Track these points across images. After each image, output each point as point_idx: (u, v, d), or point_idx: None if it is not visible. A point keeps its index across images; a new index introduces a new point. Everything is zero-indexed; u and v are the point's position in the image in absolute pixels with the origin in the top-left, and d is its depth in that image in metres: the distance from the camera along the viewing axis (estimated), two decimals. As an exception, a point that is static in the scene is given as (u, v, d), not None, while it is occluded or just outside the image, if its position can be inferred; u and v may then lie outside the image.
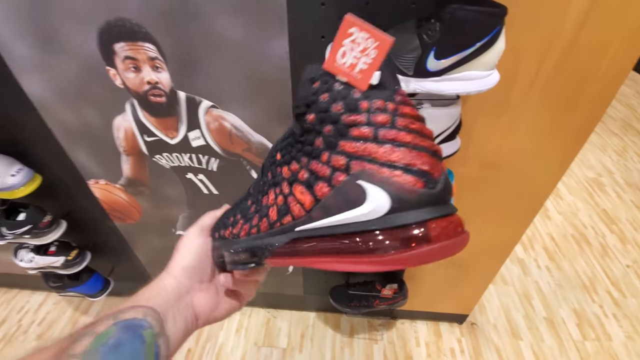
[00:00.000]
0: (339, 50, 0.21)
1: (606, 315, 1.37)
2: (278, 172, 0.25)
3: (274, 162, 0.25)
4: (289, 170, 0.24)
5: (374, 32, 0.20)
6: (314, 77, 0.23)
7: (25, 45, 0.68)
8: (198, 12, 0.60)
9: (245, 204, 0.29)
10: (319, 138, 0.22)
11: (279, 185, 0.24)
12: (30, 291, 1.51)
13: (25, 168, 0.89)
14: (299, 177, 0.23)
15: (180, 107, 0.74)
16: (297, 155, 0.23)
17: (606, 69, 0.62)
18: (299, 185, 0.23)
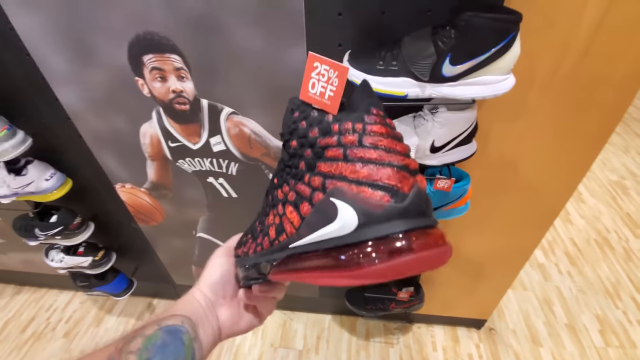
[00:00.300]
0: (309, 82, 0.24)
1: (630, 321, 1.32)
2: (275, 195, 0.27)
3: (272, 186, 0.28)
4: (282, 192, 0.26)
5: (332, 64, 0.23)
6: (294, 107, 0.26)
7: (61, 58, 0.72)
8: (221, 25, 0.63)
9: (255, 224, 0.33)
10: (302, 161, 0.24)
11: (276, 206, 0.27)
12: (58, 290, 1.58)
13: (58, 173, 0.94)
14: (288, 198, 0.25)
15: (203, 114, 0.77)
16: (286, 178, 0.26)
17: (622, 74, 0.61)
18: (289, 205, 0.25)
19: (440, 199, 0.72)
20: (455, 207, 0.74)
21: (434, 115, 0.62)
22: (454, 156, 0.66)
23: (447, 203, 0.73)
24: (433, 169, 0.73)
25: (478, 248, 1.01)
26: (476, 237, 0.97)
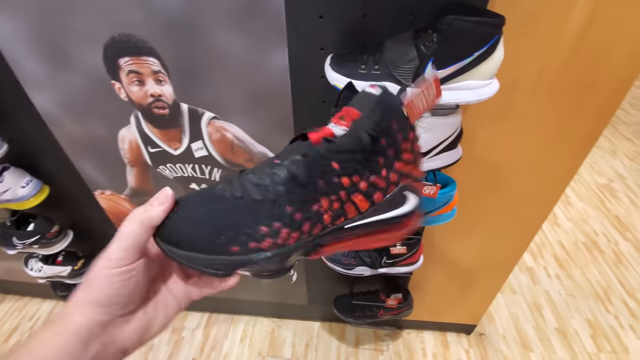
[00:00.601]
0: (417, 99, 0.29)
1: (622, 326, 1.32)
2: (336, 182, 0.27)
3: (331, 172, 0.27)
4: (349, 180, 0.27)
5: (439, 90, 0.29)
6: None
7: (35, 61, 0.70)
8: (200, 27, 0.61)
9: (278, 211, 0.27)
10: (382, 157, 0.27)
11: (336, 193, 0.27)
12: (41, 299, 1.53)
13: (34, 179, 0.91)
14: (360, 187, 0.27)
15: (183, 118, 0.75)
16: (358, 168, 0.27)
17: (609, 77, 0.61)
18: (359, 194, 0.28)
19: (426, 205, 0.70)
20: (441, 214, 0.73)
21: (418, 121, 0.60)
22: (439, 162, 0.65)
23: (434, 209, 0.71)
24: (419, 174, 0.71)
25: (466, 253, 1.00)
26: (464, 242, 0.96)
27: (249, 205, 0.27)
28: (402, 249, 0.80)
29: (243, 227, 0.27)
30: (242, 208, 0.27)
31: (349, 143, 0.27)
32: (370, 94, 0.28)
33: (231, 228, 0.27)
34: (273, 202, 0.26)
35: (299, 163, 0.26)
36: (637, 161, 2.08)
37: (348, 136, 0.27)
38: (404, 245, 0.80)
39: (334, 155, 0.26)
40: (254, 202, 0.26)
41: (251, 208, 0.27)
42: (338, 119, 0.28)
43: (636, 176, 1.97)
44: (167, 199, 0.27)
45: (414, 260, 0.84)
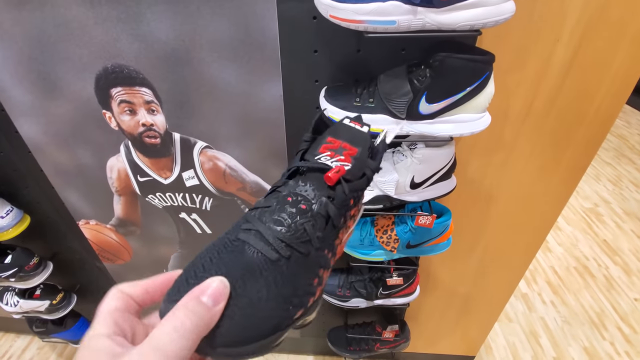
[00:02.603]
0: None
1: (618, 353, 1.30)
2: (349, 215, 0.28)
3: (348, 207, 0.28)
4: (355, 210, 0.29)
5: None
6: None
7: (24, 90, 0.69)
8: (195, 59, 0.61)
9: (320, 258, 0.26)
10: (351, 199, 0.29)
11: (345, 224, 0.28)
12: (15, 334, 1.43)
13: (15, 209, 0.87)
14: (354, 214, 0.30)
15: (175, 147, 0.74)
16: (359, 200, 0.29)
17: (595, 111, 0.63)
18: (352, 220, 0.30)
19: (422, 235, 0.69)
20: (437, 243, 0.72)
21: (412, 152, 0.61)
22: (434, 192, 0.65)
23: (430, 239, 0.71)
24: (414, 204, 0.71)
25: (462, 282, 0.98)
26: (460, 271, 0.95)
27: (299, 262, 0.24)
28: (399, 279, 0.79)
29: (303, 286, 0.24)
30: (293, 267, 0.24)
31: (362, 182, 0.28)
32: (356, 129, 0.30)
33: (294, 294, 0.24)
34: (316, 250, 0.25)
35: (329, 206, 0.26)
36: (620, 185, 2.13)
37: (357, 174, 0.28)
38: (400, 276, 0.79)
39: (351, 193, 0.27)
40: (303, 256, 0.25)
41: (301, 264, 0.24)
42: (330, 151, 0.29)
43: (620, 200, 2.02)
44: (223, 295, 0.20)
45: (411, 291, 0.82)
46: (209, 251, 0.24)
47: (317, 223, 0.25)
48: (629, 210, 1.95)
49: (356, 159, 0.28)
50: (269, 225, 0.25)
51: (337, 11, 0.45)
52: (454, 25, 0.44)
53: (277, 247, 0.24)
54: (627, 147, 2.49)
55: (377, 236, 0.72)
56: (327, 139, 0.30)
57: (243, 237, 0.24)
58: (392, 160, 0.64)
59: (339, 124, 0.31)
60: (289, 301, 0.23)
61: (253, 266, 0.23)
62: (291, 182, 0.28)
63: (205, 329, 0.19)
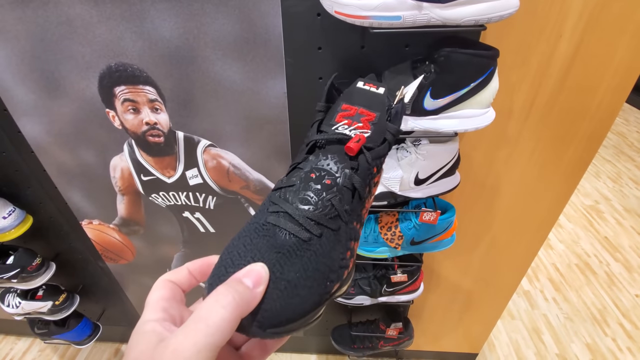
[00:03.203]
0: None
1: (620, 349, 1.31)
2: (373, 183, 0.28)
3: (372, 176, 0.27)
4: (378, 177, 0.28)
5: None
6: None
7: (26, 89, 0.68)
8: (198, 57, 0.61)
9: (350, 231, 0.26)
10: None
11: (371, 192, 0.28)
12: (16, 337, 1.43)
13: (17, 209, 0.87)
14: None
15: (179, 146, 0.74)
16: (381, 165, 0.29)
17: (597, 107, 0.63)
18: (375, 186, 0.29)
19: (426, 231, 0.69)
20: (441, 240, 0.72)
21: (416, 148, 0.61)
22: (438, 188, 0.65)
23: (434, 236, 0.71)
24: (418, 201, 0.71)
25: (465, 279, 0.98)
26: (463, 268, 0.95)
27: (331, 238, 0.24)
28: (403, 276, 0.79)
29: (337, 261, 0.24)
30: (326, 245, 0.24)
31: (383, 148, 0.27)
32: (371, 92, 0.29)
33: (330, 270, 0.24)
34: (346, 224, 0.25)
35: (354, 177, 0.25)
36: (619, 183, 2.14)
37: (378, 140, 0.27)
38: (404, 272, 0.79)
39: (374, 161, 0.26)
40: (334, 232, 0.24)
41: (333, 240, 0.24)
42: (347, 119, 0.28)
43: (620, 197, 2.02)
44: (263, 279, 0.21)
45: (415, 288, 0.82)
46: (242, 238, 0.24)
47: (343, 197, 0.25)
48: (629, 207, 1.95)
49: (375, 124, 0.27)
50: (297, 205, 0.24)
51: (342, 7, 0.45)
52: (459, 20, 0.44)
53: (308, 226, 0.23)
54: (626, 144, 2.50)
55: (381, 233, 0.72)
56: (342, 106, 0.28)
57: (273, 221, 0.24)
58: (396, 156, 0.64)
59: (352, 89, 0.29)
60: (326, 277, 0.23)
61: (287, 248, 0.23)
62: (312, 157, 0.27)
63: (246, 307, 0.19)
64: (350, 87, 0.29)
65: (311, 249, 0.23)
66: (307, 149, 0.27)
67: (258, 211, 0.26)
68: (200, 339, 0.17)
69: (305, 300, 0.22)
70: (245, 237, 0.24)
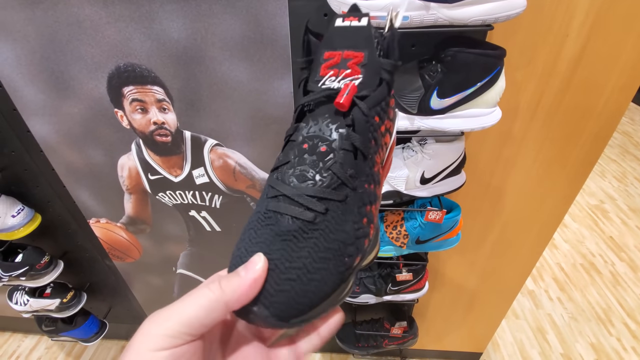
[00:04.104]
0: None
1: (625, 349, 1.30)
2: (379, 133, 0.24)
3: (375, 126, 0.23)
4: (384, 126, 0.25)
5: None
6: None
7: (36, 89, 0.69)
8: (206, 57, 0.62)
9: (363, 195, 0.24)
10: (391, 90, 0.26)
11: (380, 145, 0.25)
12: (23, 334, 1.44)
13: (26, 208, 0.88)
14: (388, 127, 0.26)
15: (186, 145, 0.75)
16: (385, 109, 0.25)
17: (603, 106, 0.63)
18: (387, 135, 0.26)
19: (432, 230, 0.70)
20: (447, 239, 0.72)
21: (422, 147, 0.61)
22: (444, 187, 0.65)
23: (439, 235, 0.71)
24: (423, 200, 0.72)
25: (470, 278, 0.98)
26: (467, 267, 0.95)
27: (338, 211, 0.22)
28: (408, 275, 0.79)
29: (352, 233, 0.22)
30: (334, 219, 0.22)
31: (382, 91, 0.23)
32: (353, 27, 0.23)
33: (346, 244, 0.22)
34: (354, 190, 0.23)
35: (352, 135, 0.22)
36: (625, 182, 2.13)
37: (373, 84, 0.23)
38: (409, 271, 0.79)
39: (372, 109, 0.23)
40: (341, 203, 0.22)
41: (342, 211, 0.22)
42: (332, 68, 0.23)
43: (625, 197, 2.01)
44: (254, 264, 0.21)
45: (420, 287, 0.83)
46: (247, 231, 0.23)
47: (344, 161, 0.22)
48: (634, 206, 1.94)
49: (365, 65, 0.23)
50: (294, 184, 0.22)
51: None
52: (466, 20, 0.45)
53: (310, 205, 0.21)
54: (632, 144, 2.49)
55: (386, 232, 0.72)
56: (324, 54, 0.24)
57: (273, 207, 0.22)
58: (402, 155, 0.64)
59: (332, 30, 0.24)
60: (342, 253, 0.22)
61: (292, 234, 0.21)
62: (302, 124, 0.24)
63: (232, 293, 0.20)
64: (329, 30, 0.24)
65: (318, 228, 0.21)
66: (295, 117, 0.25)
67: (260, 198, 0.24)
68: (185, 311, 0.19)
69: (324, 283, 0.21)
70: (250, 230, 0.23)
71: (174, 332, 0.18)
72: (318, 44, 0.25)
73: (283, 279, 0.21)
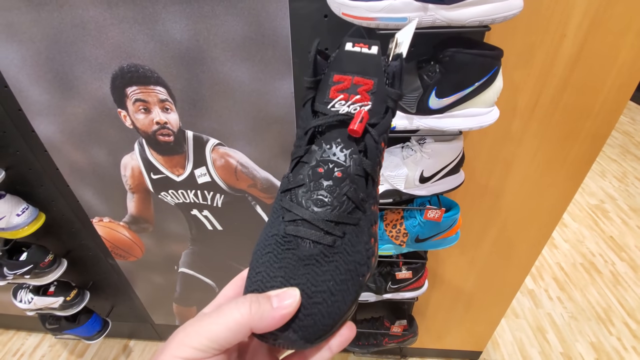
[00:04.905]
0: None
1: (625, 348, 1.31)
2: (382, 156, 0.26)
3: (381, 151, 0.25)
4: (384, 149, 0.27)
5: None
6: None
7: (41, 90, 0.70)
8: (208, 57, 0.63)
9: (371, 217, 0.25)
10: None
11: (380, 165, 0.26)
12: (27, 333, 1.46)
13: (30, 207, 0.89)
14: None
15: (188, 145, 0.76)
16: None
17: (601, 105, 0.64)
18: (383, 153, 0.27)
19: (431, 229, 0.70)
20: (446, 237, 0.73)
21: (421, 146, 0.62)
22: (443, 186, 0.66)
23: (438, 233, 0.72)
24: (422, 199, 0.72)
25: (469, 277, 0.99)
26: (467, 265, 0.96)
27: (354, 234, 0.23)
28: (408, 273, 0.80)
29: (364, 253, 0.23)
30: (350, 242, 0.23)
31: (387, 119, 0.24)
32: (363, 54, 0.24)
33: (360, 264, 0.23)
34: (364, 213, 0.24)
35: (364, 162, 0.24)
36: (625, 182, 2.13)
37: (380, 111, 0.24)
38: (409, 269, 0.80)
39: (381, 136, 0.24)
40: (356, 227, 0.24)
41: (356, 234, 0.24)
42: (342, 92, 0.24)
43: (626, 197, 2.02)
44: (291, 304, 0.21)
45: (419, 285, 0.84)
46: (266, 254, 0.23)
47: (358, 186, 0.24)
48: (634, 206, 1.95)
49: (374, 93, 0.24)
50: (312, 209, 0.23)
51: (349, 9, 0.47)
52: (463, 21, 0.45)
53: (329, 229, 0.23)
54: (633, 143, 2.49)
55: (386, 230, 0.73)
56: (334, 77, 0.25)
57: (293, 231, 0.23)
58: (402, 155, 0.65)
59: (342, 53, 0.25)
60: (358, 273, 0.23)
61: (314, 258, 0.22)
62: (314, 147, 0.25)
63: (260, 321, 0.20)
64: (338, 52, 0.25)
65: (337, 251, 0.23)
66: (307, 139, 0.25)
67: (271, 217, 0.25)
68: (213, 330, 0.20)
69: (343, 302, 0.22)
70: (268, 254, 0.23)
71: (202, 346, 0.20)
72: (324, 64, 0.26)
73: (311, 303, 0.22)
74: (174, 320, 1.24)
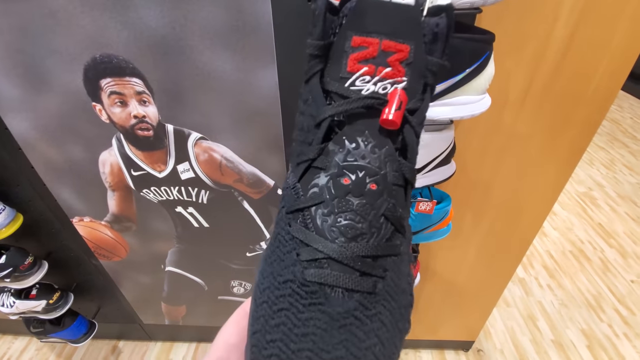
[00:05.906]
0: None
1: (617, 335, 1.32)
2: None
3: (418, 142, 0.19)
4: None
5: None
6: None
7: (11, 85, 0.66)
8: (186, 46, 0.60)
9: (406, 250, 0.20)
10: None
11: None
12: (12, 336, 1.42)
13: (7, 208, 0.85)
14: None
15: (169, 140, 0.72)
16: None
17: (593, 92, 0.63)
18: None
19: (422, 221, 0.69)
20: (437, 230, 0.72)
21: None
22: (434, 177, 0.64)
23: (430, 225, 0.70)
24: (413, 191, 0.71)
25: (461, 268, 0.99)
26: (458, 257, 0.95)
27: (396, 269, 0.18)
28: (399, 267, 0.78)
29: (408, 289, 0.18)
30: (393, 283, 0.17)
31: (426, 102, 0.18)
32: (392, 3, 0.16)
33: (405, 312, 0.19)
34: (404, 235, 0.19)
35: (404, 165, 0.17)
36: (613, 169, 2.15)
37: (418, 90, 0.17)
38: (400, 263, 0.78)
39: (419, 125, 0.18)
40: (399, 258, 0.18)
41: (400, 266, 0.18)
42: (367, 63, 0.16)
43: (614, 184, 2.04)
44: None
45: (411, 279, 0.82)
46: (276, 313, 0.16)
47: (397, 200, 0.17)
48: (622, 193, 1.97)
49: (410, 64, 0.16)
50: (341, 243, 0.16)
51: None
52: (454, 3, 0.43)
53: (367, 269, 0.16)
54: (620, 131, 2.52)
55: (377, 224, 0.71)
56: (353, 40, 0.17)
57: (316, 278, 0.16)
58: (391, 146, 0.63)
59: (362, 3, 0.16)
60: (405, 318, 0.18)
61: (352, 315, 0.16)
62: (331, 146, 0.17)
63: None
64: (357, 2, 0.16)
65: (380, 299, 0.16)
66: (321, 134, 0.17)
67: (277, 250, 0.18)
68: None
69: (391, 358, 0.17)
70: (284, 312, 0.16)
71: None
72: (334, 21, 0.17)
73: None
74: (163, 319, 1.21)
